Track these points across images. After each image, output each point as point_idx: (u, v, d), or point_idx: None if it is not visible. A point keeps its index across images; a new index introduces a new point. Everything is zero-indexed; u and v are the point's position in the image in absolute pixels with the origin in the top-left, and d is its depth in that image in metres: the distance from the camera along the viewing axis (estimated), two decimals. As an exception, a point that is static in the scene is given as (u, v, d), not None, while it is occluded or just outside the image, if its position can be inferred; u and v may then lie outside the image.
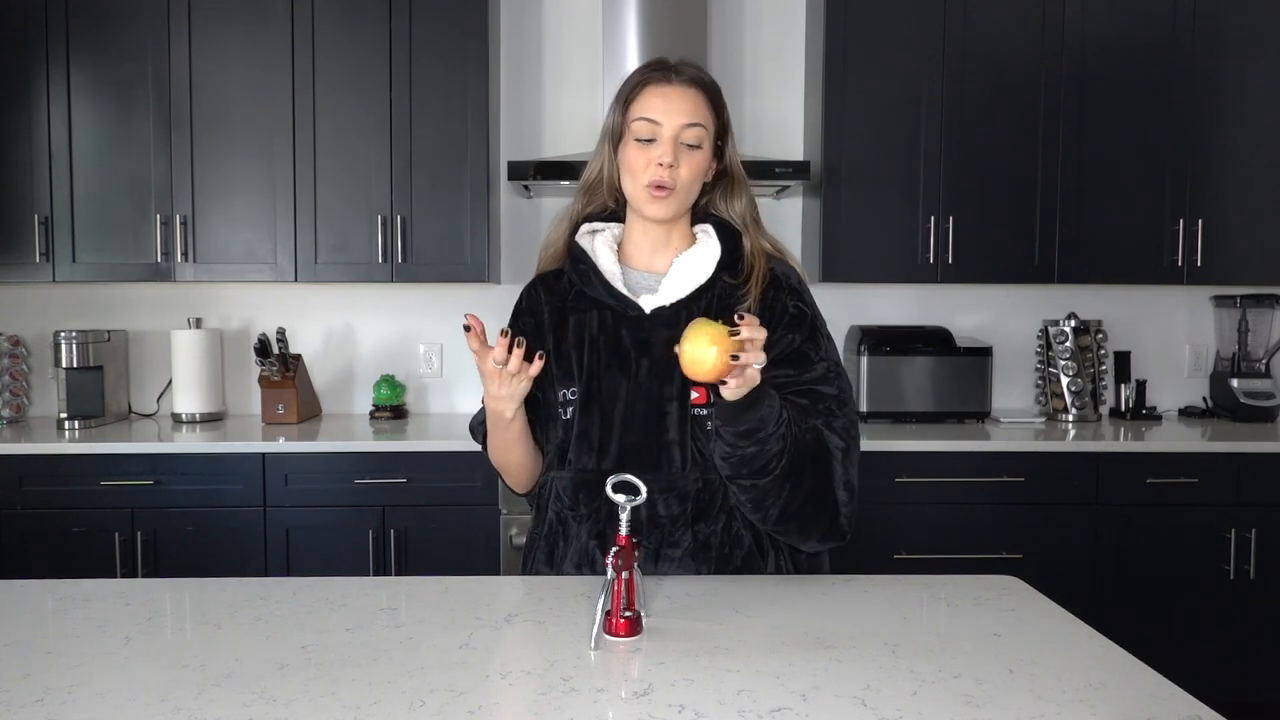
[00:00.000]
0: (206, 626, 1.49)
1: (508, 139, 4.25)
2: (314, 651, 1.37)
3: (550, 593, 1.64)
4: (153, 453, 3.54)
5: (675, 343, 1.67)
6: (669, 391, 1.75)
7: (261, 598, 1.62)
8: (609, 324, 1.81)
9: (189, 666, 1.32)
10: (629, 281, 1.84)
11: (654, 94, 1.74)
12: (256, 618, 1.52)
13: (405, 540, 3.54)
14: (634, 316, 1.80)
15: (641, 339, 1.79)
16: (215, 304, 4.28)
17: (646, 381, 1.76)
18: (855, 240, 3.90)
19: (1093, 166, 3.92)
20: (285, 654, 1.36)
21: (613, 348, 1.79)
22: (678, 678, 1.29)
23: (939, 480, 3.58)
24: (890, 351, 3.97)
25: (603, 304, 1.82)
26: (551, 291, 1.88)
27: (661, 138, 1.73)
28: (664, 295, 1.80)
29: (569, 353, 1.82)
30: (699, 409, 1.74)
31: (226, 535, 3.53)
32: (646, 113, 1.73)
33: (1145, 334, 4.41)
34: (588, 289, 1.83)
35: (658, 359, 1.76)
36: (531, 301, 1.91)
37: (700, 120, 1.74)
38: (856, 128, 3.91)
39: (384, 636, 1.44)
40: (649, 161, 1.74)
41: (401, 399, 4.19)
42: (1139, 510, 3.60)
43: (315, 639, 1.42)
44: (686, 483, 1.74)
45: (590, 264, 1.84)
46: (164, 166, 3.82)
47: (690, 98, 1.74)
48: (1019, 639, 1.45)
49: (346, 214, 3.86)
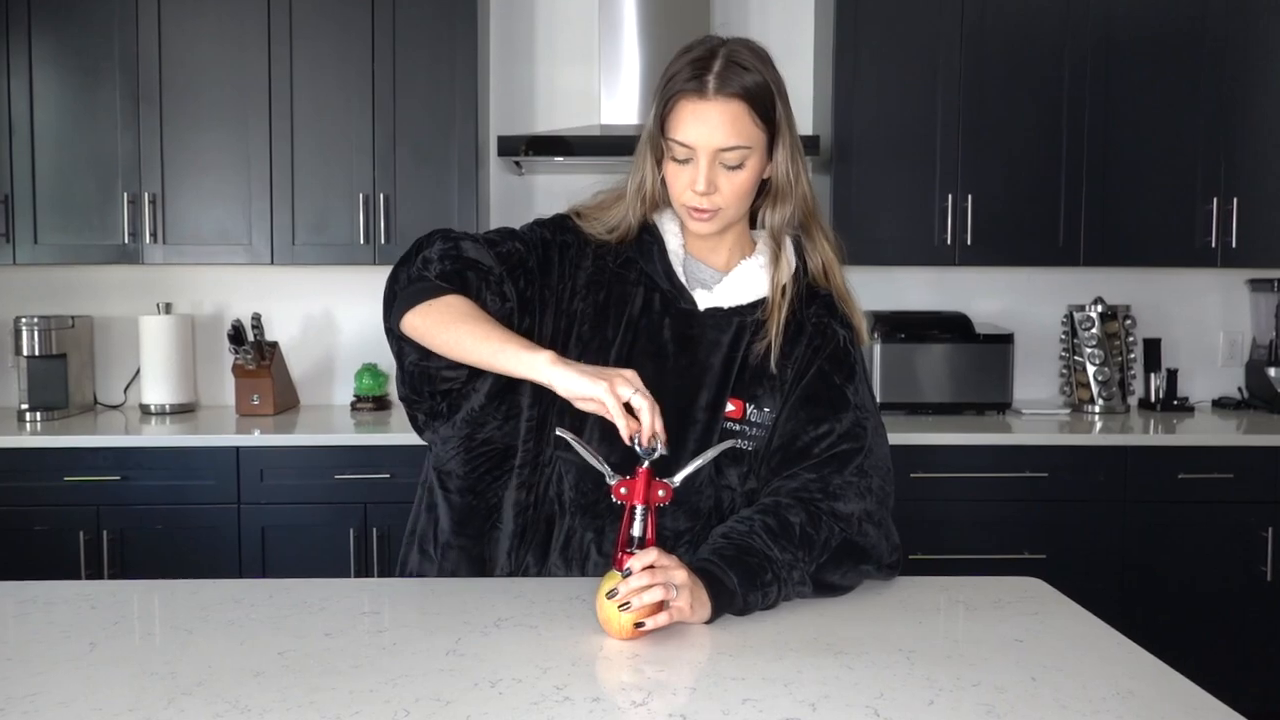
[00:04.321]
0: (177, 631, 1.49)
1: (498, 112, 4.24)
2: (291, 658, 1.37)
3: (542, 595, 1.64)
4: (119, 446, 3.54)
5: (720, 349, 1.69)
6: (703, 399, 1.73)
7: (235, 601, 1.62)
8: (655, 309, 1.77)
9: (158, 674, 1.31)
10: (688, 269, 1.80)
11: (687, 111, 1.64)
12: (230, 622, 1.52)
13: (388, 540, 3.54)
14: (684, 309, 1.77)
15: (685, 335, 1.76)
16: (186, 288, 4.27)
17: (679, 382, 1.73)
18: (867, 220, 3.90)
19: (1120, 141, 3.91)
20: (260, 661, 1.36)
21: (651, 335, 1.76)
22: (679, 685, 1.29)
23: (957, 476, 3.58)
24: (905, 338, 3.97)
25: (653, 284, 1.78)
26: (598, 250, 1.80)
27: (697, 160, 1.65)
28: (720, 296, 1.77)
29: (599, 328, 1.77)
30: (732, 423, 1.73)
31: (198, 534, 3.52)
32: (678, 135, 1.65)
33: (1176, 320, 4.41)
34: (645, 263, 1.78)
35: (698, 361, 1.74)
36: (575, 238, 1.80)
37: (740, 141, 1.64)
38: (869, 101, 3.90)
39: (365, 642, 1.44)
40: (685, 185, 1.68)
41: (384, 389, 4.19)
42: (1170, 508, 3.60)
43: (292, 645, 1.42)
44: (700, 499, 1.74)
45: (658, 237, 1.80)
46: (132, 142, 3.81)
47: (729, 114, 1.63)
48: (1042, 644, 1.45)
49: (326, 192, 3.85)
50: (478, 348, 1.59)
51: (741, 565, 1.55)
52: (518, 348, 1.56)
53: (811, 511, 1.65)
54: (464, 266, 1.70)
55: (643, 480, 1.52)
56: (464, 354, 1.62)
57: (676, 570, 1.46)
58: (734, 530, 1.62)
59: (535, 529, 1.78)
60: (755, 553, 1.57)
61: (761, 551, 1.57)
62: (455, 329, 1.62)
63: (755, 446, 1.75)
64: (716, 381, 1.74)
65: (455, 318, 1.63)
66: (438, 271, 1.69)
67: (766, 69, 1.68)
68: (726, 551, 1.57)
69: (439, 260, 1.70)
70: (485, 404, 1.75)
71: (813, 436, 1.71)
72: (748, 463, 1.75)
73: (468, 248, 1.72)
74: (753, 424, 1.74)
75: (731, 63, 1.64)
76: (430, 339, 1.65)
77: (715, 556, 1.55)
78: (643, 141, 1.75)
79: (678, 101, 1.65)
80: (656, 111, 1.69)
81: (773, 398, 1.75)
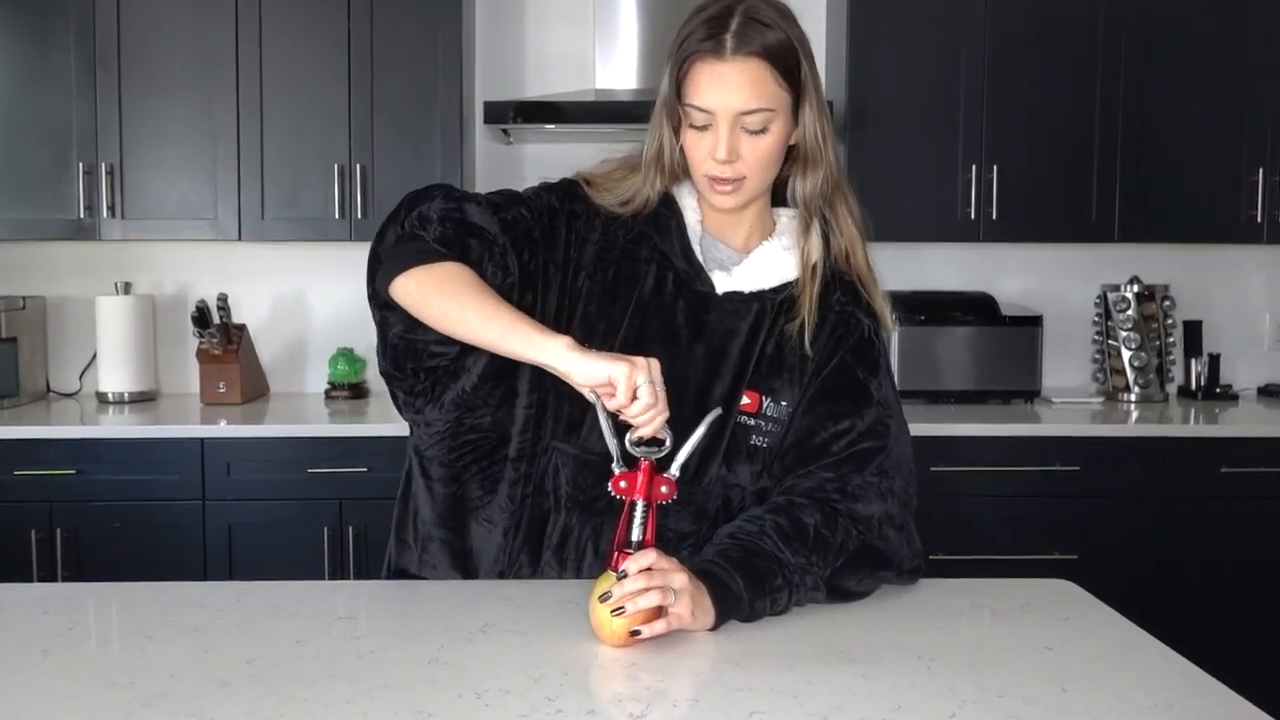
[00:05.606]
0: (136, 638, 1.49)
1: (484, 76, 4.23)
2: (260, 667, 1.37)
3: (533, 599, 1.64)
4: (74, 438, 3.54)
5: (738, 337, 1.69)
6: (717, 391, 1.73)
7: (200, 605, 1.62)
8: (667, 290, 1.75)
9: (116, 684, 1.32)
10: (705, 248, 1.78)
11: (704, 73, 1.62)
12: (194, 628, 1.52)
13: (366, 539, 3.54)
14: (701, 292, 1.75)
15: (700, 320, 1.74)
16: (147, 266, 4.26)
17: (692, 371, 1.73)
18: (884, 193, 3.88)
19: (1158, 108, 3.90)
20: (227, 670, 1.36)
21: (663, 318, 1.75)
22: (679, 697, 1.29)
23: (981, 469, 3.58)
24: (925, 321, 3.97)
25: (668, 263, 1.76)
26: (607, 223, 1.78)
27: (717, 126, 1.64)
28: (740, 280, 1.76)
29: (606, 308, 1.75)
30: (747, 417, 1.73)
31: (159, 533, 3.52)
32: (696, 99, 1.64)
33: (1219, 301, 4.41)
34: (660, 239, 1.77)
35: (713, 349, 1.73)
36: (584, 207, 1.78)
37: (762, 103, 1.62)
38: (887, 64, 3.90)
39: (340, 650, 1.44)
40: (705, 153, 1.67)
41: (361, 376, 4.18)
42: (1212, 504, 3.61)
43: (261, 653, 1.42)
44: (707, 499, 1.73)
45: (677, 212, 1.78)
46: (88, 109, 3.80)
47: (749, 75, 1.61)
48: (1074, 652, 1.45)
49: (298, 163, 3.84)
50: (484, 326, 1.57)
51: (749, 568, 1.54)
52: (530, 330, 1.55)
53: (827, 512, 1.65)
54: (467, 232, 1.67)
55: (645, 474, 1.51)
56: (465, 330, 1.60)
57: (676, 573, 1.46)
58: (742, 530, 1.61)
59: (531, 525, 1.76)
60: (765, 555, 1.56)
61: (771, 554, 1.57)
62: (457, 301, 1.59)
63: (770, 443, 1.74)
64: (733, 372, 1.73)
65: (458, 288, 1.60)
66: (437, 234, 1.66)
67: (789, 25, 1.66)
68: (733, 553, 1.56)
69: (439, 222, 1.67)
70: (478, 385, 1.72)
71: (832, 433, 1.71)
72: (761, 460, 1.74)
73: (472, 211, 1.69)
74: (768, 418, 1.74)
75: (750, 19, 1.62)
76: (424, 308, 1.62)
77: (721, 558, 1.55)
78: (657, 108, 1.73)
79: (693, 64, 1.64)
80: (671, 75, 1.68)
81: (791, 391, 1.75)
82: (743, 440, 1.73)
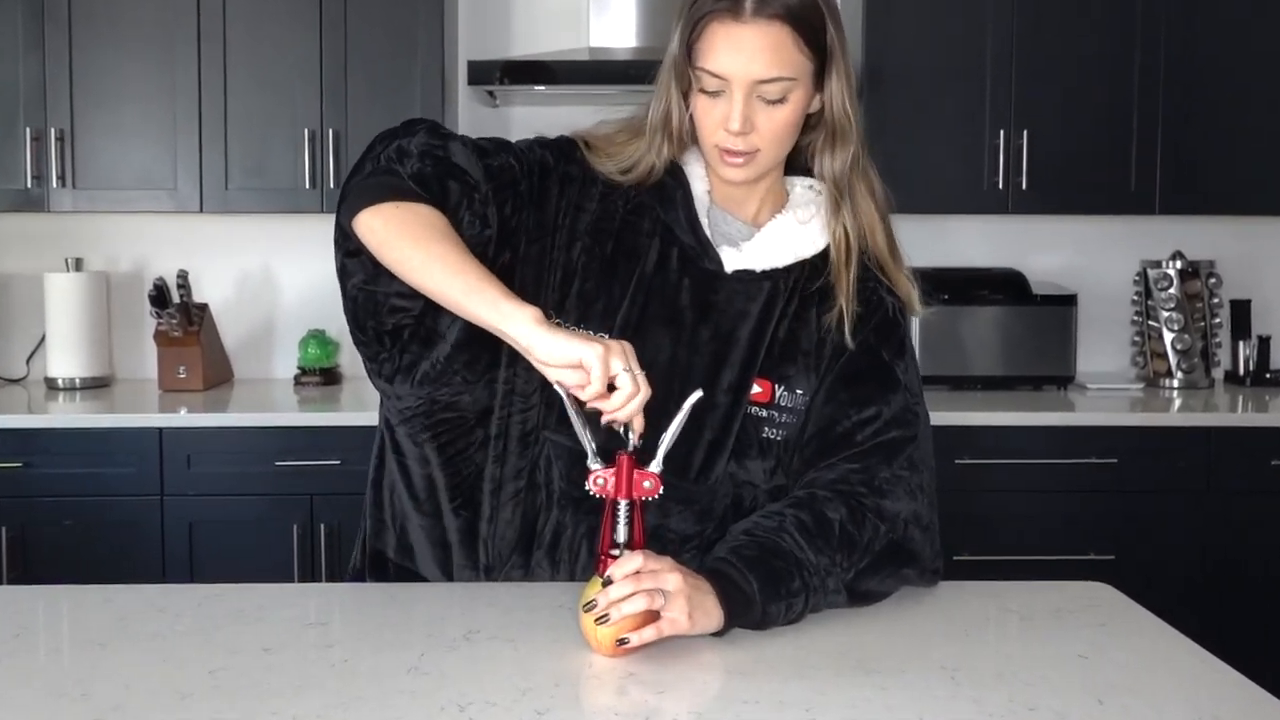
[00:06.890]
0: (89, 646, 1.49)
1: (468, 34, 4.22)
2: (224, 678, 1.37)
3: (521, 603, 1.64)
4: (21, 428, 3.54)
5: (749, 320, 1.67)
6: (725, 379, 1.71)
7: (159, 610, 1.62)
8: (671, 266, 1.74)
9: (68, 695, 1.32)
10: (713, 221, 1.76)
11: (719, 36, 1.59)
12: (152, 635, 1.52)
13: (338, 538, 3.54)
14: (708, 270, 1.74)
15: (707, 301, 1.73)
16: (100, 240, 4.26)
17: (696, 357, 1.71)
18: (904, 161, 3.88)
19: (1203, 69, 3.89)
20: (188, 681, 1.36)
21: (665, 298, 1.73)
22: (679, 710, 1.29)
23: (1010, 462, 3.59)
24: (950, 300, 3.96)
25: (672, 237, 1.74)
26: (605, 191, 1.76)
27: (731, 93, 1.61)
28: (751, 257, 1.74)
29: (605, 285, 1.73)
30: (758, 408, 1.72)
31: (114, 531, 3.53)
32: (709, 64, 1.61)
33: (1269, 279, 4.41)
34: (665, 211, 1.75)
35: (721, 332, 1.72)
36: (581, 171, 1.76)
37: (783, 71, 1.59)
38: (907, 21, 3.89)
39: (312, 659, 1.44)
40: (717, 122, 1.65)
41: (334, 360, 4.19)
42: (1261, 499, 3.62)
43: (225, 662, 1.42)
44: (713, 499, 1.72)
45: (684, 182, 1.76)
46: (35, 69, 3.79)
47: (769, 39, 1.58)
48: (1110, 661, 1.45)
49: (265, 128, 3.85)
50: (448, 280, 1.54)
51: (765, 568, 1.52)
52: (497, 293, 1.52)
53: (853, 507, 1.63)
54: (447, 172, 1.64)
55: (624, 469, 1.49)
56: (425, 280, 1.56)
57: (668, 574, 1.44)
58: (759, 526, 1.60)
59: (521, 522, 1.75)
60: (784, 554, 1.55)
61: (791, 553, 1.55)
62: (423, 247, 1.56)
63: (784, 435, 1.73)
64: (743, 358, 1.72)
65: (426, 234, 1.57)
66: (414, 170, 1.63)
67: None
68: (747, 551, 1.55)
69: (419, 157, 1.64)
70: (451, 354, 1.69)
71: (856, 421, 1.70)
72: (775, 455, 1.74)
73: (456, 151, 1.67)
74: (782, 409, 1.73)
75: None
76: (386, 249, 1.59)
77: (733, 556, 1.54)
78: (665, 68, 1.71)
79: (708, 24, 1.61)
80: (682, 35, 1.65)
81: (807, 378, 1.74)
82: (754, 433, 1.72)
